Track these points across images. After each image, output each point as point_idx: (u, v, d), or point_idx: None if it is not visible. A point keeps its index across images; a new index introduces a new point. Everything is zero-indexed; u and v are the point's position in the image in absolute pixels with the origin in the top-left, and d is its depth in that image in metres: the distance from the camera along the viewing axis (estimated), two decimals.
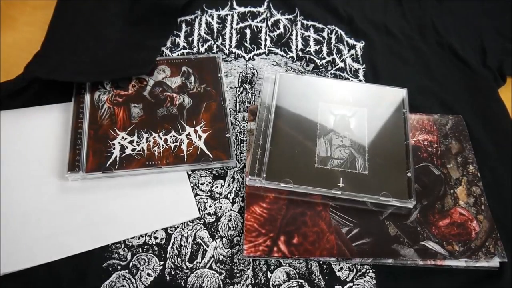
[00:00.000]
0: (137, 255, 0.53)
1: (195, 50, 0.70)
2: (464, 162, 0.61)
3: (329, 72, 0.69)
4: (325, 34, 0.73)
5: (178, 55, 0.69)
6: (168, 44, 0.70)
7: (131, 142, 0.59)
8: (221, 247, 0.54)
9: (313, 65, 0.69)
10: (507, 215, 0.58)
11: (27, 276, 0.51)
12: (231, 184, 0.58)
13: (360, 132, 0.61)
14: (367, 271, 0.53)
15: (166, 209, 0.56)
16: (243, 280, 0.52)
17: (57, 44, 0.66)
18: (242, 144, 0.62)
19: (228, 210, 0.56)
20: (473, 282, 0.53)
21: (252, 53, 0.70)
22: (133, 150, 0.58)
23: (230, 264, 0.53)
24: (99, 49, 0.65)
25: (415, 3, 0.78)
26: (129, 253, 0.53)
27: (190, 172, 0.59)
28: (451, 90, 0.69)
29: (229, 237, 0.55)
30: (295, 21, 0.74)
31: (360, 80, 0.69)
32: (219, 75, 0.66)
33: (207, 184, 0.58)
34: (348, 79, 0.68)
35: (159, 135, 0.60)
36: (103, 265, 0.52)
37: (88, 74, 0.63)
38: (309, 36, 0.72)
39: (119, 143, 0.58)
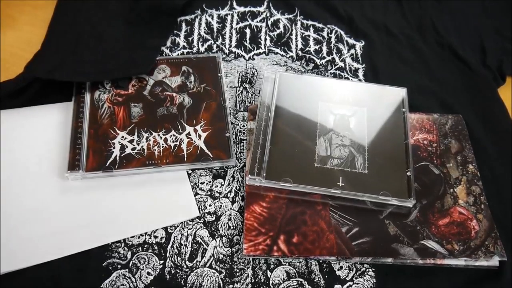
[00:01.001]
0: (137, 254, 0.53)
1: (195, 49, 0.70)
2: (464, 161, 0.61)
3: (329, 71, 0.69)
4: (324, 34, 0.73)
5: (178, 54, 0.69)
6: (168, 43, 0.70)
7: (131, 141, 0.59)
8: (221, 246, 0.54)
9: (313, 64, 0.70)
10: (507, 214, 0.58)
11: (27, 275, 0.51)
12: (231, 183, 0.58)
13: (360, 132, 0.61)
14: (367, 270, 0.53)
15: (166, 208, 0.56)
16: (243, 279, 0.52)
17: (57, 43, 0.66)
18: (242, 144, 0.62)
19: (228, 209, 0.56)
20: (472, 281, 0.53)
21: (252, 53, 0.70)
22: (133, 149, 0.58)
23: (230, 263, 0.53)
24: (99, 49, 0.66)
25: (415, 3, 0.78)
26: (129, 252, 0.53)
27: (190, 171, 0.59)
28: (451, 90, 0.69)
29: (229, 236, 0.55)
30: (294, 20, 0.74)
31: (360, 80, 0.69)
32: (219, 74, 0.66)
33: (207, 183, 0.58)
34: (348, 78, 0.68)
35: (159, 135, 0.60)
36: (103, 264, 0.52)
37: (88, 74, 0.63)
38: (308, 35, 0.73)
39: (119, 142, 0.59)
